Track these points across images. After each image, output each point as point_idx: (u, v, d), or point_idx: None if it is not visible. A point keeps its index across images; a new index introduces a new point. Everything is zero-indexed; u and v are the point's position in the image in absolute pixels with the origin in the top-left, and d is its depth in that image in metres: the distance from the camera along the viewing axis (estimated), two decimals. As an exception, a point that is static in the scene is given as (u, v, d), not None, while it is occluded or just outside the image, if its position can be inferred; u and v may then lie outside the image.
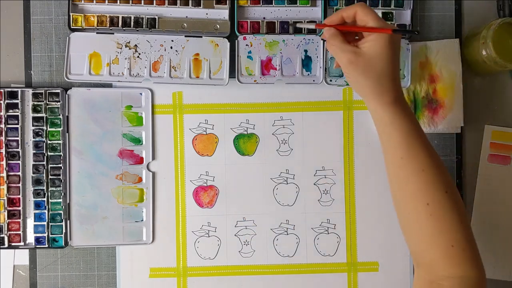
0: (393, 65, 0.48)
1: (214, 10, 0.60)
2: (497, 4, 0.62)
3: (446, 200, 0.47)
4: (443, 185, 0.47)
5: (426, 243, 0.48)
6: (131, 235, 0.60)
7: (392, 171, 0.50)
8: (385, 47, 0.47)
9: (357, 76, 0.49)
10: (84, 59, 0.59)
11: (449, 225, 0.47)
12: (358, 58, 0.48)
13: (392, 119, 0.49)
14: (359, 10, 0.48)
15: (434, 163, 0.48)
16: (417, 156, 0.48)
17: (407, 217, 0.49)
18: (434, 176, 0.48)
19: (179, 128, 0.61)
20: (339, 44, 0.49)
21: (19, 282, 0.61)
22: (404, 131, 0.48)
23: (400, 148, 0.49)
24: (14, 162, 0.59)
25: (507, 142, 0.62)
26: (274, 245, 0.61)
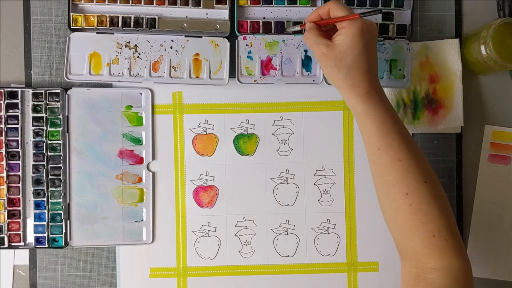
0: (365, 57, 0.49)
1: (214, 10, 0.60)
2: (497, 4, 0.62)
3: (425, 190, 0.47)
4: (421, 174, 0.48)
5: (408, 233, 0.48)
6: (131, 235, 0.60)
7: (371, 162, 0.51)
8: (354, 39, 0.49)
9: (330, 68, 0.50)
10: (84, 59, 0.59)
11: (429, 215, 0.47)
12: (330, 50, 0.49)
13: (365, 110, 0.50)
14: (331, 6, 0.51)
15: (412, 153, 0.49)
16: (392, 146, 0.49)
17: (388, 208, 0.50)
18: (412, 166, 0.48)
19: (179, 128, 0.61)
20: (313, 37, 0.51)
21: (19, 282, 0.61)
22: (378, 122, 0.49)
23: (375, 138, 0.49)
24: (14, 162, 0.59)
25: (507, 142, 0.62)
26: (274, 245, 0.61)
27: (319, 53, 0.50)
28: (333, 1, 0.51)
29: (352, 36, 0.49)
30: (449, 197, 0.61)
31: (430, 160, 0.61)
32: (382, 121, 0.49)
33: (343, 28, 0.50)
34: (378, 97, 0.50)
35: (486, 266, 0.61)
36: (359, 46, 0.49)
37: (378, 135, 0.49)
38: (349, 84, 0.50)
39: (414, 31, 0.61)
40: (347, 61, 0.49)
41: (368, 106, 0.50)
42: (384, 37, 0.60)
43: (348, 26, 0.49)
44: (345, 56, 0.49)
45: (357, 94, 0.50)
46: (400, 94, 0.60)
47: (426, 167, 0.49)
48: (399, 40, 0.60)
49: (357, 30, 0.49)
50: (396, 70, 0.60)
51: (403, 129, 0.50)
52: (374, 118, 0.50)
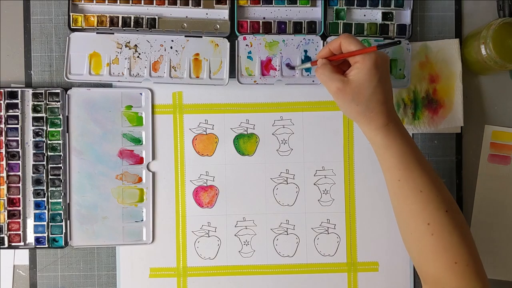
0: (381, 89, 0.49)
1: (214, 10, 0.60)
2: (497, 4, 0.62)
3: (447, 219, 0.48)
4: (443, 204, 0.48)
5: (430, 260, 0.48)
6: (131, 235, 0.60)
7: (392, 192, 0.51)
8: (371, 72, 0.48)
9: (347, 103, 0.50)
10: (84, 59, 0.59)
11: (451, 243, 0.48)
12: (345, 86, 0.49)
13: (385, 142, 0.50)
14: (342, 40, 0.50)
15: (432, 183, 0.49)
16: (413, 177, 0.49)
17: (409, 237, 0.50)
18: (433, 196, 0.48)
19: (179, 128, 0.61)
20: (327, 73, 0.51)
21: (19, 282, 0.61)
22: (398, 153, 0.49)
23: (396, 170, 0.50)
24: (14, 162, 0.59)
25: (507, 142, 0.62)
26: (274, 245, 0.61)
27: (334, 89, 0.50)
28: (344, 35, 0.51)
29: (368, 69, 0.48)
30: (449, 197, 0.61)
31: (430, 160, 0.61)
32: (403, 153, 0.49)
33: (357, 62, 0.49)
34: (397, 129, 0.50)
35: (486, 266, 0.61)
36: (376, 78, 0.49)
37: (399, 167, 0.49)
38: (368, 118, 0.50)
39: (414, 31, 0.61)
40: (365, 94, 0.49)
41: (388, 138, 0.50)
42: (384, 37, 0.60)
43: (363, 60, 0.49)
44: (362, 90, 0.49)
45: (377, 126, 0.50)
46: (400, 94, 0.60)
47: (446, 196, 0.49)
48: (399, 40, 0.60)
49: (372, 63, 0.48)
50: (396, 70, 0.60)
51: (423, 159, 0.50)
52: (394, 150, 0.50)
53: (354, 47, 0.50)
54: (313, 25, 0.60)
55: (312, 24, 0.60)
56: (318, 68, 0.52)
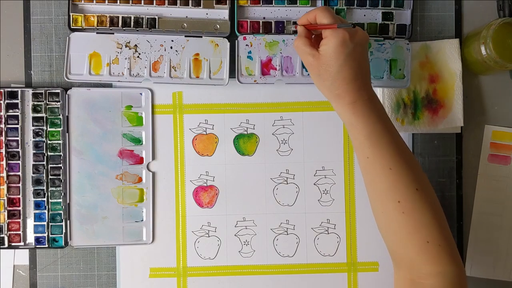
0: (349, 66, 0.49)
1: (214, 10, 0.60)
2: (497, 4, 0.62)
3: (417, 197, 0.47)
4: (413, 182, 0.48)
5: (402, 241, 0.48)
6: (131, 235, 0.60)
7: (362, 170, 0.51)
8: (337, 49, 0.48)
9: (316, 77, 0.50)
10: (84, 59, 0.59)
11: (422, 222, 0.47)
12: (315, 60, 0.50)
13: (352, 120, 0.50)
14: (318, 12, 0.51)
15: (403, 160, 0.49)
16: (382, 154, 0.49)
17: (380, 216, 0.50)
18: (403, 173, 0.48)
19: (179, 128, 0.61)
20: (301, 46, 0.51)
21: (19, 282, 0.61)
22: (366, 131, 0.49)
23: (364, 148, 0.49)
24: (14, 162, 0.59)
25: (507, 142, 0.62)
26: (274, 245, 0.61)
27: (306, 62, 0.51)
28: (320, 7, 0.51)
29: (334, 47, 0.48)
30: (449, 197, 0.61)
31: (430, 160, 0.61)
32: (371, 130, 0.49)
33: (326, 37, 0.49)
34: (366, 106, 0.49)
35: (486, 266, 0.61)
36: (341, 56, 0.48)
37: (367, 144, 0.49)
38: (334, 94, 0.50)
39: (414, 31, 0.61)
40: (330, 71, 0.49)
41: (356, 115, 0.49)
42: (384, 37, 0.60)
43: (330, 36, 0.49)
44: (328, 67, 0.49)
45: (343, 103, 0.50)
46: (400, 94, 0.60)
47: (418, 174, 0.49)
48: (399, 40, 0.60)
49: (339, 40, 0.48)
50: (396, 70, 0.60)
51: (394, 137, 0.50)
52: (362, 127, 0.49)
53: (326, 20, 0.49)
54: (313, 25, 0.60)
55: (312, 24, 0.60)
56: (295, 40, 0.52)
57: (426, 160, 0.62)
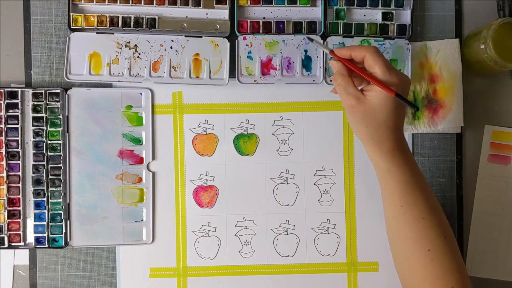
0: (395, 117, 0.48)
1: (214, 10, 0.60)
2: (497, 4, 0.62)
3: (446, 245, 0.48)
4: (442, 230, 0.49)
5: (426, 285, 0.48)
6: (131, 235, 0.60)
7: (391, 217, 0.51)
8: (388, 99, 0.47)
9: (357, 122, 0.49)
10: (84, 59, 0.59)
11: (449, 268, 0.48)
12: (360, 105, 0.48)
13: (389, 168, 0.49)
14: (368, 55, 0.48)
15: (434, 209, 0.49)
16: (417, 204, 0.49)
17: (404, 261, 0.50)
18: (434, 222, 0.48)
19: (179, 128, 0.61)
20: (345, 86, 0.49)
21: (19, 282, 0.61)
22: (402, 180, 0.49)
23: (398, 196, 0.49)
24: (14, 162, 0.59)
25: (507, 142, 0.62)
26: (274, 245, 0.61)
27: (348, 104, 0.49)
28: (370, 49, 0.48)
29: (384, 96, 0.47)
30: (449, 197, 0.61)
31: (430, 160, 0.61)
32: (407, 179, 0.49)
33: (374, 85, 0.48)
34: (403, 155, 0.49)
35: (486, 266, 0.61)
36: (392, 106, 0.47)
37: (402, 194, 0.49)
38: (375, 141, 0.49)
39: (414, 31, 0.61)
40: (377, 119, 0.48)
41: (393, 164, 0.49)
42: (384, 37, 0.60)
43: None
44: (375, 114, 0.47)
45: (382, 151, 0.49)
46: (400, 94, 0.60)
47: (445, 222, 0.50)
48: (399, 40, 0.60)
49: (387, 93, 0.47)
50: (396, 70, 0.60)
51: (426, 186, 0.50)
52: (399, 176, 0.49)
53: (378, 70, 0.47)
54: (313, 25, 0.60)
55: (312, 24, 0.60)
56: (337, 77, 0.50)
57: (426, 160, 0.62)
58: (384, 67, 0.47)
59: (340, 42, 0.59)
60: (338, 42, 0.59)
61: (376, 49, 0.48)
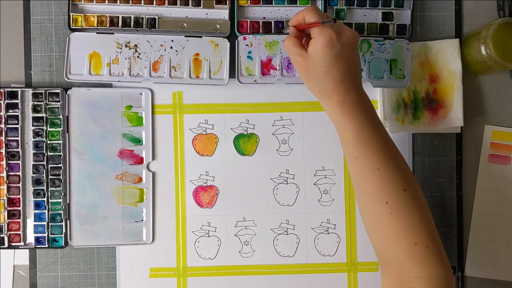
0: (337, 67, 0.48)
1: (214, 10, 0.60)
2: (497, 4, 0.62)
3: (406, 198, 0.47)
4: (401, 183, 0.48)
5: (390, 243, 0.48)
6: (131, 235, 0.60)
7: (350, 170, 0.51)
8: (324, 50, 0.48)
9: (304, 77, 0.50)
10: (84, 59, 0.59)
11: (410, 223, 0.47)
12: (303, 60, 0.49)
13: (340, 120, 0.49)
14: (305, 11, 0.50)
15: (391, 161, 0.48)
16: (370, 155, 0.48)
17: (368, 217, 0.49)
18: (391, 174, 0.48)
19: (179, 128, 0.61)
20: (290, 46, 0.51)
21: (19, 282, 0.61)
22: (354, 131, 0.49)
23: (352, 147, 0.49)
24: (14, 162, 0.59)
25: (507, 142, 0.62)
26: (274, 245, 0.61)
27: (295, 61, 0.50)
28: (309, 7, 0.50)
29: (321, 47, 0.47)
30: (449, 197, 0.61)
31: (430, 160, 0.61)
32: (358, 131, 0.49)
33: (314, 38, 0.49)
34: (355, 106, 0.49)
35: (486, 266, 0.61)
36: (329, 57, 0.48)
37: (355, 144, 0.49)
38: (323, 94, 0.50)
39: (414, 31, 0.61)
40: (318, 71, 0.48)
41: (344, 115, 0.49)
42: (384, 37, 0.60)
43: (318, 35, 0.48)
44: (316, 67, 0.48)
45: (332, 103, 0.49)
46: (400, 94, 0.60)
47: (406, 175, 0.49)
48: (399, 40, 0.60)
49: (326, 40, 0.47)
50: (396, 70, 0.60)
51: (383, 137, 0.50)
52: (350, 127, 0.49)
53: (313, 19, 0.49)
54: (313, 25, 0.60)
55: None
56: (284, 40, 0.51)
57: (426, 160, 0.62)
58: (316, 13, 0.49)
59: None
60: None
61: (312, 6, 0.51)
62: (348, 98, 0.49)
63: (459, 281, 0.61)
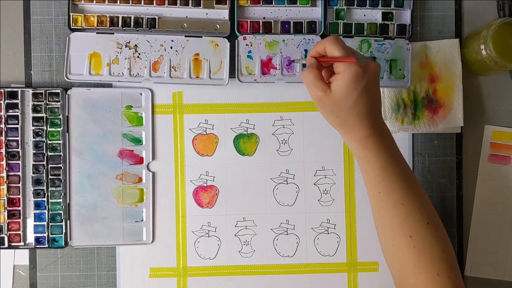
0: (363, 102, 0.48)
1: (214, 10, 0.60)
2: (497, 4, 0.62)
3: (429, 231, 0.47)
4: (424, 216, 0.48)
5: (411, 272, 0.48)
6: (131, 235, 0.60)
7: (372, 203, 0.50)
8: (350, 86, 0.47)
9: (326, 113, 0.49)
10: (84, 59, 0.59)
11: (433, 256, 0.47)
12: (326, 96, 0.48)
13: (364, 155, 0.49)
14: (327, 43, 0.49)
15: (414, 195, 0.48)
16: (394, 190, 0.48)
17: (389, 247, 0.50)
18: (415, 208, 0.48)
19: (179, 128, 0.61)
20: (311, 79, 0.49)
21: (19, 282, 0.61)
22: (378, 166, 0.48)
23: (375, 182, 0.49)
24: (14, 162, 0.59)
25: (507, 142, 0.62)
26: (274, 245, 0.61)
27: (315, 96, 0.49)
28: (330, 39, 0.49)
29: (347, 83, 0.47)
30: (449, 197, 0.61)
31: (430, 160, 0.61)
32: (383, 166, 0.48)
33: (339, 73, 0.47)
34: (378, 141, 0.49)
35: (486, 266, 0.61)
36: (355, 93, 0.47)
37: (379, 180, 0.49)
38: (347, 129, 0.49)
39: (414, 31, 0.61)
40: (344, 107, 0.48)
41: (368, 150, 0.49)
42: (384, 37, 0.60)
43: (344, 71, 0.47)
44: (341, 103, 0.47)
45: (356, 138, 0.49)
46: (400, 94, 0.60)
47: (428, 207, 0.49)
48: (399, 40, 0.60)
49: (352, 76, 0.46)
50: (396, 70, 0.60)
51: (405, 171, 0.49)
52: (374, 162, 0.49)
53: (337, 52, 0.48)
54: (313, 25, 0.60)
55: (312, 24, 0.60)
56: (304, 71, 0.50)
57: (426, 160, 0.62)
58: (341, 46, 0.48)
59: (340, 42, 0.59)
60: (338, 42, 0.59)
61: (334, 38, 0.49)
62: (373, 133, 0.49)
63: (459, 281, 0.61)
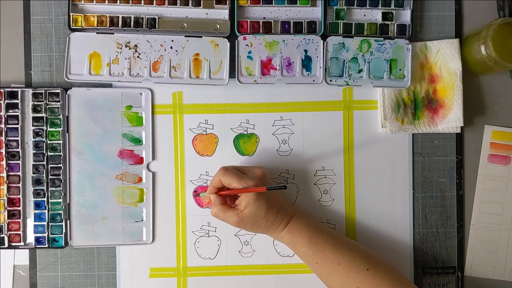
0: (271, 210, 0.54)
1: (214, 10, 0.60)
2: (497, 4, 0.62)
3: (372, 276, 0.52)
4: (362, 265, 0.52)
5: None
6: (131, 235, 0.60)
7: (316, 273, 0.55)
8: (257, 203, 0.53)
9: (250, 228, 0.55)
10: (84, 59, 0.59)
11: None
12: (241, 219, 0.54)
13: (292, 239, 0.55)
14: (220, 175, 0.54)
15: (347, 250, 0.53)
16: (328, 256, 0.53)
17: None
18: (351, 261, 0.53)
19: (179, 128, 0.61)
20: (221, 214, 0.54)
21: (19, 282, 0.61)
22: (306, 241, 0.54)
23: (310, 256, 0.54)
24: (14, 162, 0.59)
25: (507, 142, 0.62)
26: (274, 245, 0.61)
27: (233, 223, 0.54)
28: (220, 170, 0.54)
29: (254, 202, 0.53)
30: (449, 197, 0.61)
31: (430, 160, 0.61)
32: (309, 240, 0.54)
33: (242, 196, 0.53)
34: (298, 222, 0.55)
35: (486, 266, 0.61)
36: (264, 204, 0.53)
37: (311, 253, 0.54)
38: (271, 229, 0.55)
39: (414, 31, 0.61)
40: (259, 220, 0.54)
41: (293, 234, 0.55)
42: (384, 37, 0.60)
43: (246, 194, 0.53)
44: (257, 218, 0.54)
45: (280, 230, 0.55)
46: (400, 94, 0.61)
47: (364, 255, 0.53)
48: (399, 40, 0.60)
49: (255, 194, 0.53)
50: (396, 70, 0.60)
51: (330, 234, 0.55)
52: (302, 239, 0.54)
53: (236, 183, 0.53)
54: (313, 25, 0.60)
55: (312, 24, 0.60)
56: (212, 210, 0.55)
57: (426, 160, 0.62)
58: (237, 178, 0.53)
59: (340, 42, 0.59)
60: (338, 42, 0.59)
61: (223, 169, 0.54)
62: (290, 219, 0.55)
63: (459, 281, 0.61)
